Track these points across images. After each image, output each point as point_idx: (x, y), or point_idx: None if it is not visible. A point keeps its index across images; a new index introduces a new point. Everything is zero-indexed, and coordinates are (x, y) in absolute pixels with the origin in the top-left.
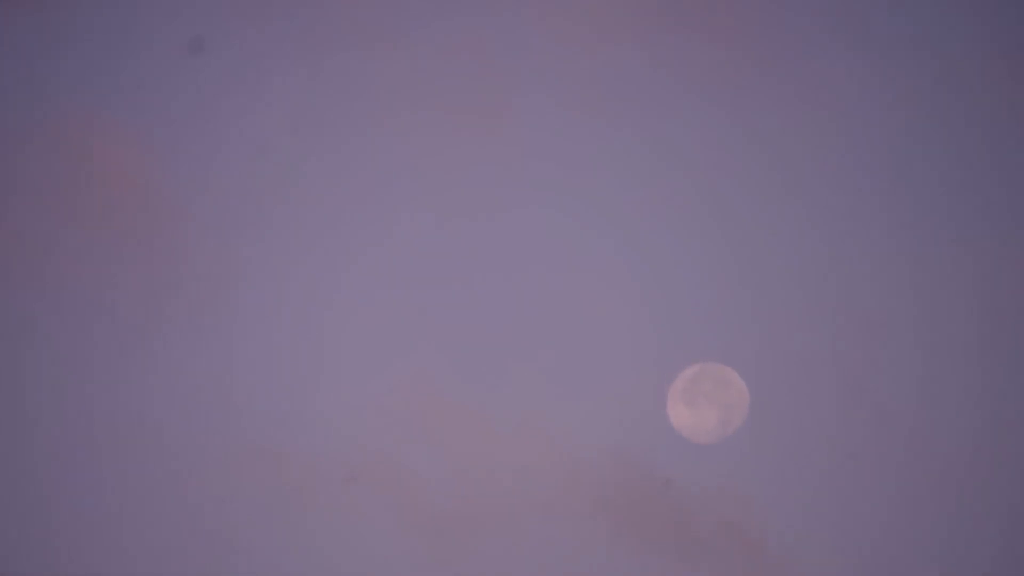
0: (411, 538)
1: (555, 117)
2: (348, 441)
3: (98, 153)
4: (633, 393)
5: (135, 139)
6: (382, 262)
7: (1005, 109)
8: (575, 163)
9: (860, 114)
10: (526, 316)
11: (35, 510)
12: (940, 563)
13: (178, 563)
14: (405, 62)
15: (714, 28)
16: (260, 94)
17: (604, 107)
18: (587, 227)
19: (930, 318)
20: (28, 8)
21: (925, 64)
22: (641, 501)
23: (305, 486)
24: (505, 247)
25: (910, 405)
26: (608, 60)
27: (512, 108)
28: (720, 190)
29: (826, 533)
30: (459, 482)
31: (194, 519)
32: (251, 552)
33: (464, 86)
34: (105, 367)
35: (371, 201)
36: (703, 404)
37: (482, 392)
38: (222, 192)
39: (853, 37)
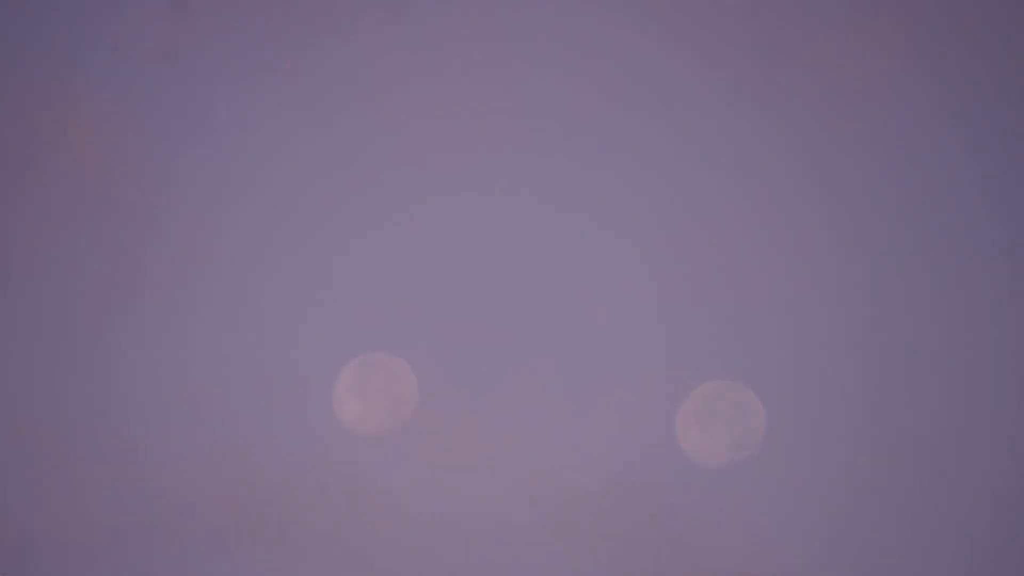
0: (384, 560)
1: (566, 105)
2: (324, 449)
3: (63, 122)
4: (638, 411)
5: (106, 108)
6: (371, 257)
7: None
8: (583, 156)
9: (898, 114)
10: (524, 322)
11: None
12: None
13: (138, 569)
14: (404, 38)
15: (748, 15)
16: (245, 65)
17: (618, 96)
18: (594, 228)
19: (967, 340)
20: None
21: (974, 59)
22: (642, 532)
23: (276, 494)
24: (504, 247)
25: (942, 435)
26: (626, 44)
27: (521, 93)
28: (742, 192)
29: (845, 573)
30: (440, 501)
31: (155, 525)
32: (216, 561)
33: (468, 66)
34: (62, 359)
35: (361, 188)
36: (716, 426)
37: (472, 403)
38: (199, 171)
39: (892, 25)
